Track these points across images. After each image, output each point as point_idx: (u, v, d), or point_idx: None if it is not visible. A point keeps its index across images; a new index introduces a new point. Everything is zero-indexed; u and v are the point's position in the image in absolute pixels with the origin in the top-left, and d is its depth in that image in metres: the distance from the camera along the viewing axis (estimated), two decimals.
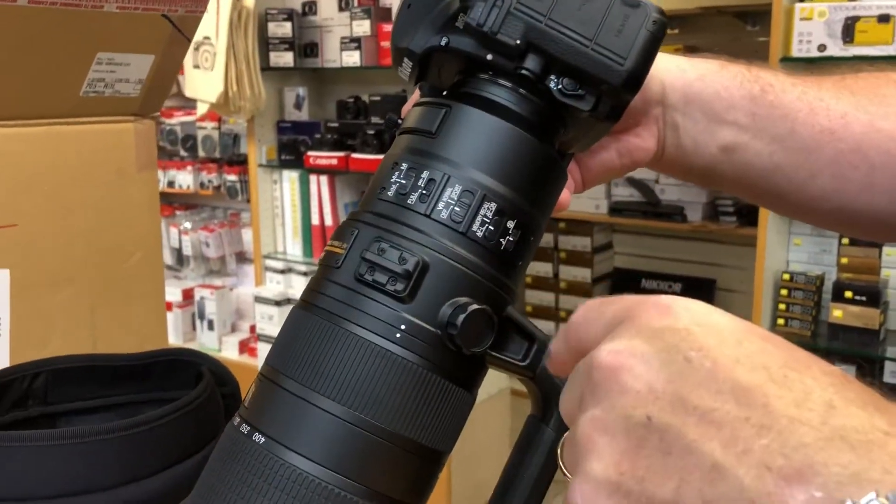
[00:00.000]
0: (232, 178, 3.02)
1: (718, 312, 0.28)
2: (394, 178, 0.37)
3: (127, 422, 0.49)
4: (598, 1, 0.37)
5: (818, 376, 0.26)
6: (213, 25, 2.58)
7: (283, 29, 2.73)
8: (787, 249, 2.12)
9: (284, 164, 2.82)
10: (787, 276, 2.04)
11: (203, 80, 2.64)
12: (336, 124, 2.71)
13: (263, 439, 0.34)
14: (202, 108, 2.76)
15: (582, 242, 2.86)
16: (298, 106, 2.89)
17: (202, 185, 3.12)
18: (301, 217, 2.82)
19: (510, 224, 0.37)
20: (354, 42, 2.59)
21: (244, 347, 3.04)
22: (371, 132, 2.58)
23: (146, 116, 0.82)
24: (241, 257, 3.18)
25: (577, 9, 0.37)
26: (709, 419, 0.25)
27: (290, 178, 2.81)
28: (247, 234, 3.10)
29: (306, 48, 2.74)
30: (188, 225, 3.10)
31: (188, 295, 3.10)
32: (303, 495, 0.33)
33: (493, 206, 0.36)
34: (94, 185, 0.77)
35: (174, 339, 3.04)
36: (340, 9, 2.69)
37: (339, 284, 0.36)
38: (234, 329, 3.15)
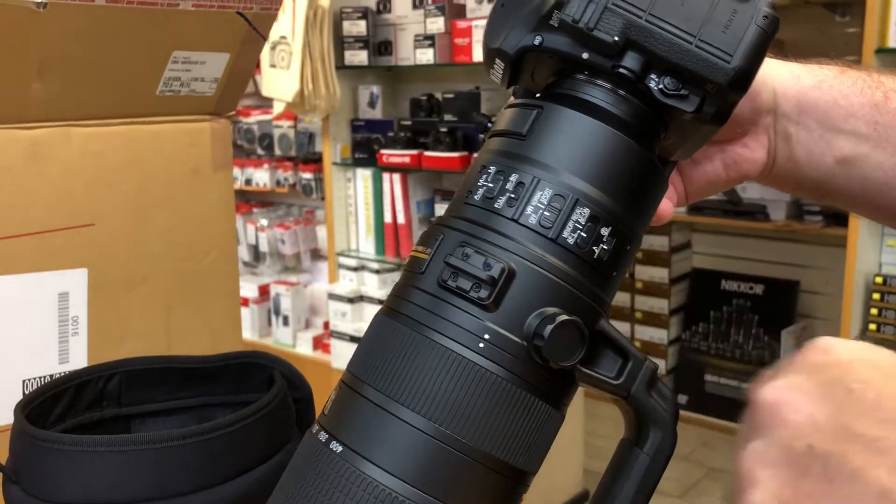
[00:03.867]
0: (307, 175, 3.05)
1: (878, 348, 0.28)
2: (481, 182, 0.35)
3: (199, 427, 0.48)
4: None
5: None
6: (290, 25, 2.60)
7: (358, 27, 2.73)
8: (880, 251, 2.02)
9: (358, 162, 2.83)
10: (880, 280, 1.95)
11: (279, 79, 2.67)
12: (409, 122, 2.71)
13: (341, 448, 0.33)
14: (278, 107, 2.79)
15: (659, 241, 2.79)
16: (372, 104, 2.89)
17: (278, 182, 3.17)
18: (374, 215, 2.83)
19: (604, 231, 0.35)
20: (428, 39, 2.58)
21: (318, 344, 3.07)
22: (444, 130, 2.57)
23: (222, 115, 0.82)
24: (316, 254, 3.21)
25: (679, 3, 0.35)
26: (875, 447, 0.25)
27: (364, 175, 2.82)
28: (321, 232, 3.13)
29: (380, 46, 2.75)
30: (264, 222, 3.15)
31: (264, 291, 3.15)
32: None
33: (587, 211, 0.34)
34: (170, 184, 0.77)
35: (250, 335, 3.09)
36: (414, 6, 2.68)
37: (422, 291, 0.34)
38: (308, 325, 3.18)
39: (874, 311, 1.94)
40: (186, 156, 0.78)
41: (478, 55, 2.49)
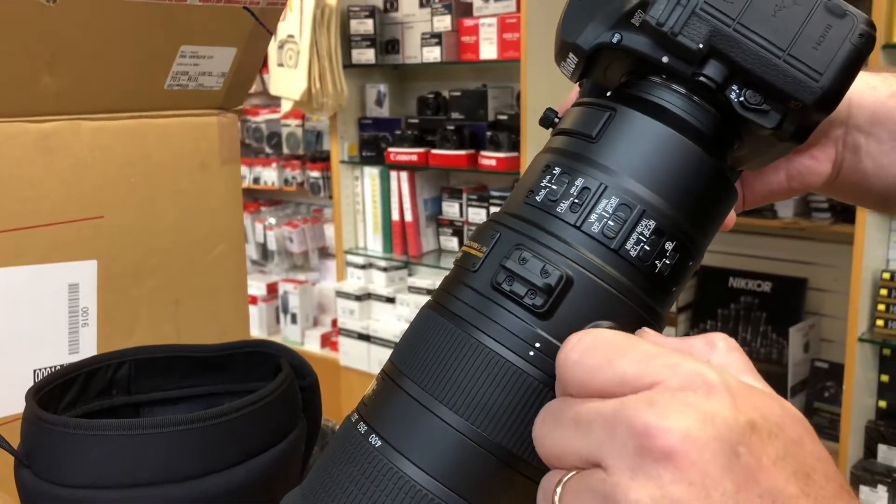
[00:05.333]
0: (315, 174, 3.06)
1: (757, 389, 0.29)
2: (544, 182, 0.34)
3: (207, 412, 0.49)
4: (798, 6, 0.33)
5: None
6: (297, 24, 2.61)
7: (365, 26, 2.74)
8: (887, 247, 2.01)
9: (366, 161, 2.84)
10: (887, 276, 1.94)
11: (287, 78, 2.69)
12: (416, 120, 2.72)
13: (379, 442, 0.32)
14: (286, 106, 2.80)
15: None
16: (380, 102, 2.90)
17: (286, 181, 3.18)
18: (382, 212, 2.84)
19: (669, 245, 0.33)
20: (435, 38, 2.58)
21: (326, 341, 3.08)
22: (451, 128, 2.57)
23: (229, 110, 0.82)
24: (324, 252, 3.22)
25: (771, 14, 0.33)
26: None
27: (371, 174, 2.83)
28: (329, 230, 3.15)
29: (388, 45, 2.76)
30: (273, 220, 3.16)
31: (272, 289, 3.16)
32: (406, 502, 0.31)
33: (652, 223, 0.33)
34: (178, 177, 0.78)
35: (259, 333, 3.11)
36: (421, 5, 2.69)
37: (472, 289, 0.33)
38: (316, 323, 3.20)
39: (881, 307, 1.94)
40: (194, 149, 0.79)
41: (484, 53, 2.49)
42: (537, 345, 0.32)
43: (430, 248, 2.83)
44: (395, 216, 2.80)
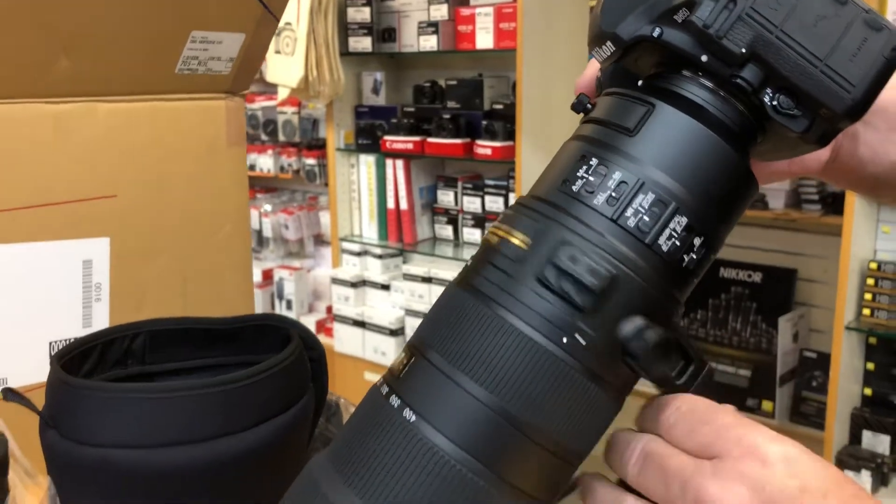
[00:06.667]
0: (311, 161, 3.08)
1: (806, 459, 0.33)
2: (580, 173, 0.35)
3: (224, 377, 0.52)
4: (838, 18, 0.34)
5: None
6: (295, 11, 2.63)
7: (362, 14, 2.76)
8: (874, 238, 2.05)
9: (362, 149, 2.86)
10: (874, 266, 1.98)
11: (284, 66, 2.70)
12: (412, 109, 2.74)
13: (413, 416, 0.34)
14: (283, 93, 2.82)
15: None
16: (376, 90, 2.92)
17: (282, 168, 3.20)
18: (377, 200, 2.86)
19: (697, 241, 0.35)
20: (432, 26, 2.60)
21: (321, 328, 3.10)
22: (447, 116, 2.59)
23: (236, 94, 0.85)
24: (319, 239, 3.25)
25: (812, 24, 0.34)
26: None
27: (367, 162, 2.85)
28: (324, 217, 3.17)
29: (384, 33, 2.77)
30: (268, 207, 3.18)
31: (268, 276, 3.19)
32: (436, 472, 0.33)
33: (685, 220, 0.34)
34: (187, 159, 0.80)
35: None
36: None
37: (509, 276, 0.34)
38: (311, 309, 3.22)
39: (868, 296, 1.98)
40: (202, 132, 0.81)
41: (481, 42, 2.51)
42: (575, 335, 0.33)
43: (424, 236, 2.86)
44: (391, 204, 2.82)
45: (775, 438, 0.33)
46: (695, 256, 0.35)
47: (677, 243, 0.34)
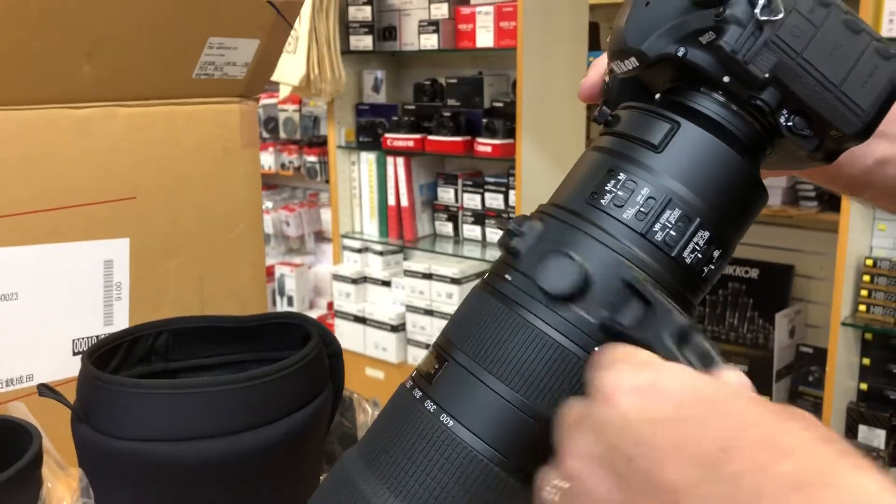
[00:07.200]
0: (312, 159, 3.10)
1: (665, 384, 0.31)
2: (609, 187, 0.37)
3: (247, 374, 0.54)
4: (852, 46, 0.36)
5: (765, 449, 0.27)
6: None
7: (363, 13, 2.78)
8: (871, 235, 2.08)
9: (362, 146, 2.88)
10: (870, 262, 2.01)
11: (286, 64, 2.71)
12: (413, 107, 2.76)
13: (433, 407, 0.36)
14: (284, 91, 2.83)
15: None
16: (377, 88, 2.94)
17: (283, 165, 3.22)
18: (378, 198, 2.88)
19: (716, 253, 0.37)
20: (432, 25, 2.62)
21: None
22: (447, 114, 2.61)
23: (250, 97, 0.87)
24: (320, 236, 3.27)
25: (830, 52, 0.36)
26: None
27: (368, 159, 2.87)
28: (325, 214, 3.19)
29: (385, 31, 2.79)
30: (269, 204, 3.20)
31: (269, 272, 3.21)
32: (476, 475, 0.35)
33: (707, 234, 0.37)
34: (204, 161, 0.82)
35: None
36: None
37: (530, 278, 0.36)
38: (312, 306, 3.25)
39: (864, 292, 2.00)
40: (218, 134, 0.84)
41: (481, 41, 2.53)
42: (594, 337, 0.35)
43: (425, 233, 2.88)
44: (392, 201, 2.84)
45: (635, 368, 0.32)
46: (713, 267, 0.37)
47: (699, 256, 0.37)
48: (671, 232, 0.36)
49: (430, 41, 2.63)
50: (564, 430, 0.33)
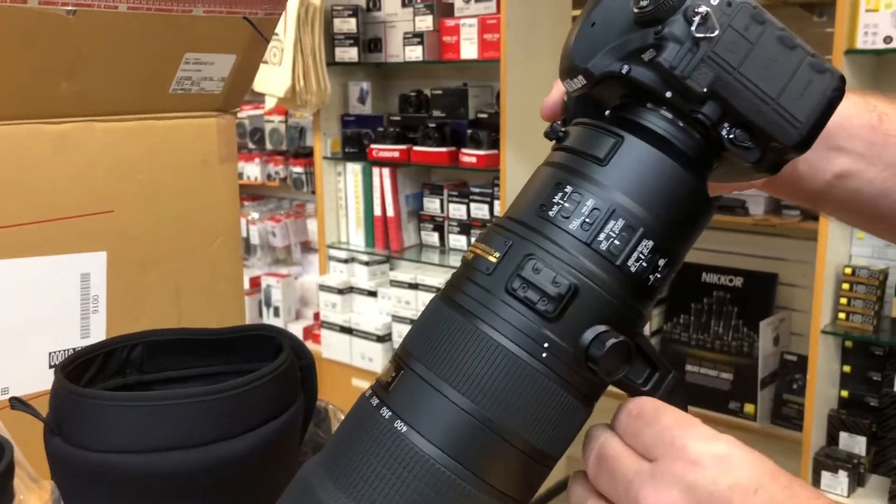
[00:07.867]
0: (298, 170, 3.11)
1: (739, 454, 0.35)
2: (556, 199, 0.38)
3: (220, 386, 0.55)
4: (788, 61, 0.38)
5: None
6: (282, 22, 2.66)
7: (349, 25, 2.80)
8: (850, 243, 2.10)
9: (348, 157, 2.89)
10: (848, 271, 2.03)
11: (271, 75, 2.73)
12: (398, 118, 2.77)
13: (389, 413, 0.37)
14: (270, 102, 2.85)
15: None
16: (362, 100, 2.96)
17: (269, 176, 3.22)
18: (364, 208, 2.89)
19: (661, 262, 0.38)
20: (417, 37, 2.64)
21: (308, 334, 3.13)
22: (432, 125, 2.63)
23: (227, 112, 0.88)
24: (306, 247, 3.27)
25: (766, 66, 0.38)
26: None
27: (354, 170, 2.88)
28: (311, 225, 3.19)
29: (370, 43, 2.81)
30: (255, 215, 3.21)
31: (255, 283, 3.21)
32: (427, 478, 0.36)
33: (651, 244, 0.38)
34: (181, 175, 0.83)
35: None
36: (403, 5, 2.75)
37: (485, 290, 0.38)
38: (298, 316, 3.25)
39: (843, 300, 2.02)
40: (195, 148, 0.85)
41: (465, 53, 2.55)
42: (545, 344, 0.37)
43: (411, 243, 2.89)
44: (378, 211, 2.85)
45: (708, 437, 0.35)
46: (659, 276, 0.39)
47: (644, 264, 0.38)
48: (615, 241, 0.37)
49: (414, 53, 2.65)
50: (630, 482, 0.36)
